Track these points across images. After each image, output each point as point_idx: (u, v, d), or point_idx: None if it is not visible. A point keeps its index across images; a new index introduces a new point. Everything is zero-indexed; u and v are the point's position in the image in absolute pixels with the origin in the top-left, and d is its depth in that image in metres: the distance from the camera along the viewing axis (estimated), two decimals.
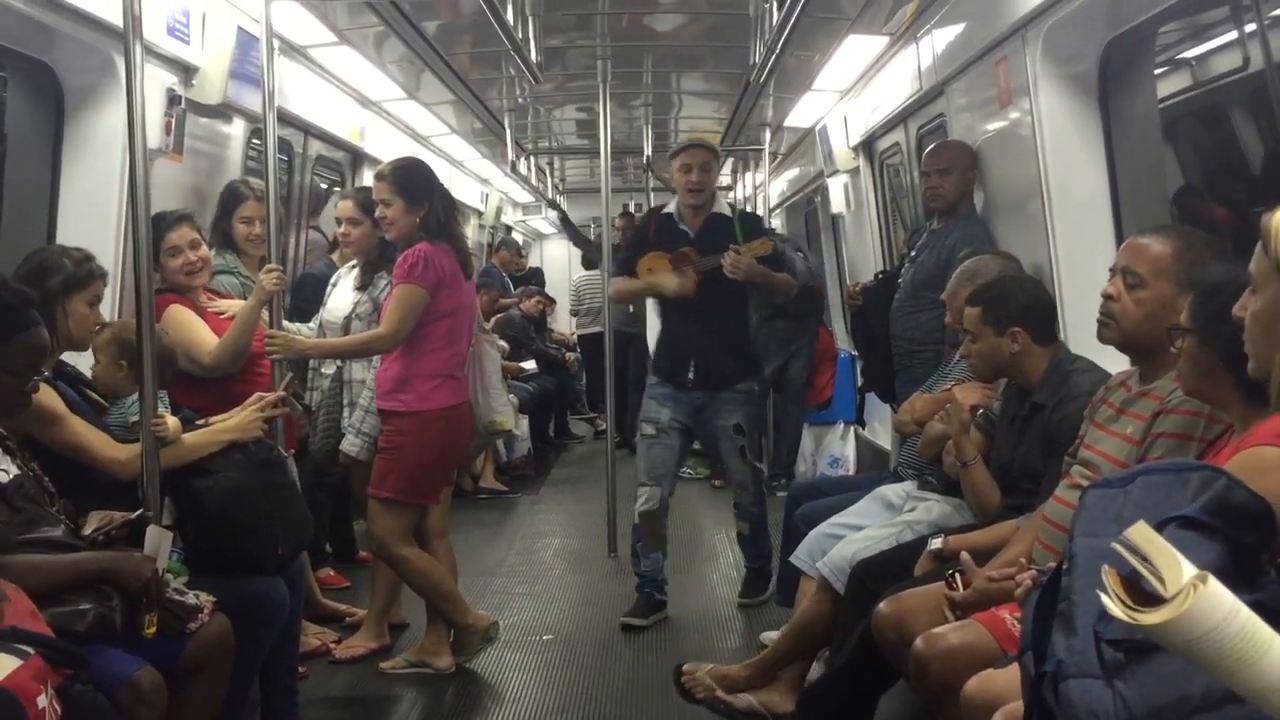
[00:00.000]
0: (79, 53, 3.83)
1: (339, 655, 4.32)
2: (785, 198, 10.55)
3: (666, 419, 4.87)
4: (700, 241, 4.85)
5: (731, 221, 4.95)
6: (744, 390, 4.91)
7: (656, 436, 4.86)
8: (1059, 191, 3.93)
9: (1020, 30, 3.95)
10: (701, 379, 4.86)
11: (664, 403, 4.89)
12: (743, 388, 4.91)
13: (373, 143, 6.95)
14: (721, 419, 4.87)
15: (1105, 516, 1.71)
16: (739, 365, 4.96)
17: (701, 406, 4.87)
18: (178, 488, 3.21)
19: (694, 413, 4.88)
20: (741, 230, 4.87)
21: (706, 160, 4.86)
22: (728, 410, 4.86)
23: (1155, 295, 2.62)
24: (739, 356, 4.98)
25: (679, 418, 4.88)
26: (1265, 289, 1.72)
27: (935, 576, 2.92)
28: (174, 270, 3.93)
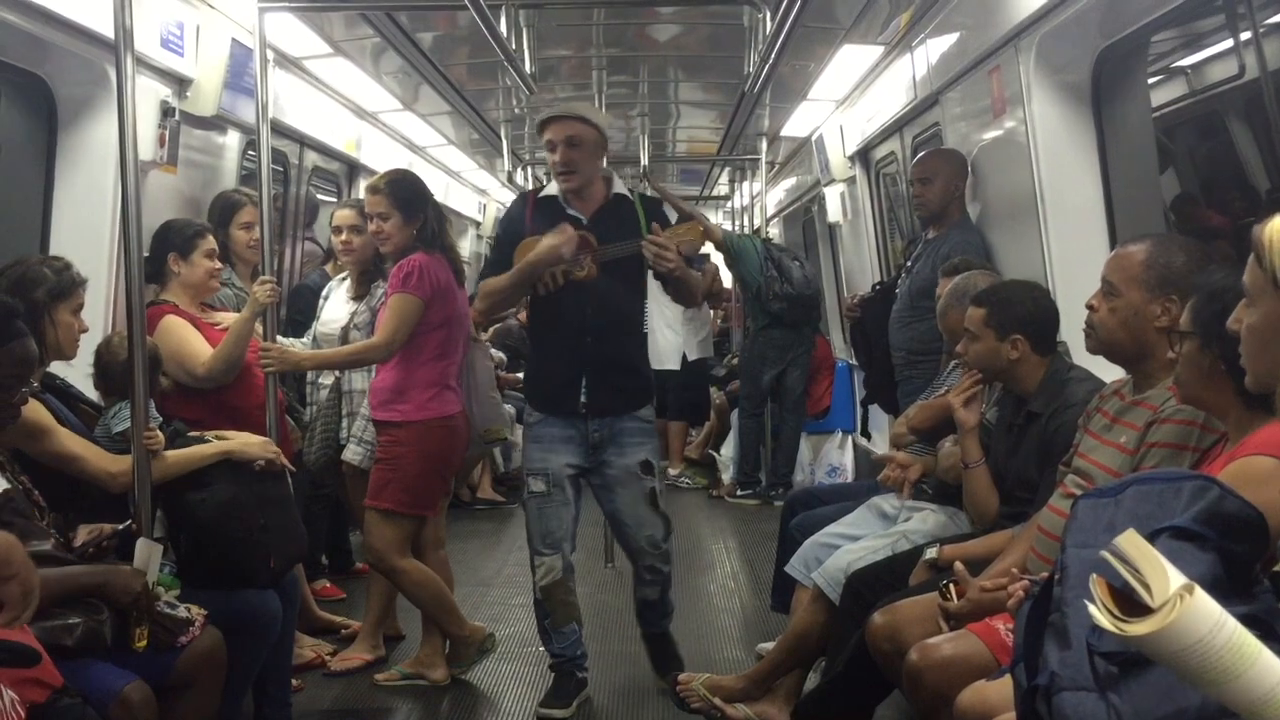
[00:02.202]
0: (72, 65, 3.83)
1: (334, 667, 4.31)
2: (782, 207, 10.57)
3: (558, 467, 3.85)
4: (597, 228, 3.82)
5: (633, 205, 3.92)
6: (648, 419, 3.98)
7: (547, 494, 3.86)
8: (1053, 200, 3.93)
9: (1013, 39, 3.96)
10: (598, 403, 3.84)
11: (551, 445, 3.86)
12: (645, 415, 3.97)
13: (369, 154, 6.96)
14: (625, 455, 3.89)
15: (1097, 526, 1.70)
16: (641, 384, 4.00)
17: (599, 442, 3.88)
18: (170, 500, 3.20)
19: (590, 451, 3.88)
20: (644, 215, 3.87)
21: (575, 134, 3.76)
22: (633, 444, 3.90)
23: (1127, 303, 2.63)
24: (640, 373, 4.04)
25: (573, 461, 3.87)
26: (1260, 302, 1.70)
27: (930, 586, 2.91)
28: (206, 271, 3.97)
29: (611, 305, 3.85)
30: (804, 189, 9.22)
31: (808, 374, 7.70)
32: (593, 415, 3.84)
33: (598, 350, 3.84)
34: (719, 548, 6.52)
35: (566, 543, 3.92)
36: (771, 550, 5.03)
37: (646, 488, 3.93)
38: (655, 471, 3.96)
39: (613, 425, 3.87)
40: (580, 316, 3.83)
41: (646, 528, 3.98)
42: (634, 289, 3.95)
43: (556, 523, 3.88)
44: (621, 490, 3.93)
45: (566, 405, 3.85)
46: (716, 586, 5.75)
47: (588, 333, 3.83)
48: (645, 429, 3.96)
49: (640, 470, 3.91)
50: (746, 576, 5.85)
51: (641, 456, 3.91)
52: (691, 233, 3.81)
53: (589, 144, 3.79)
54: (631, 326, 4.00)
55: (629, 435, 3.90)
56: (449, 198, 9.76)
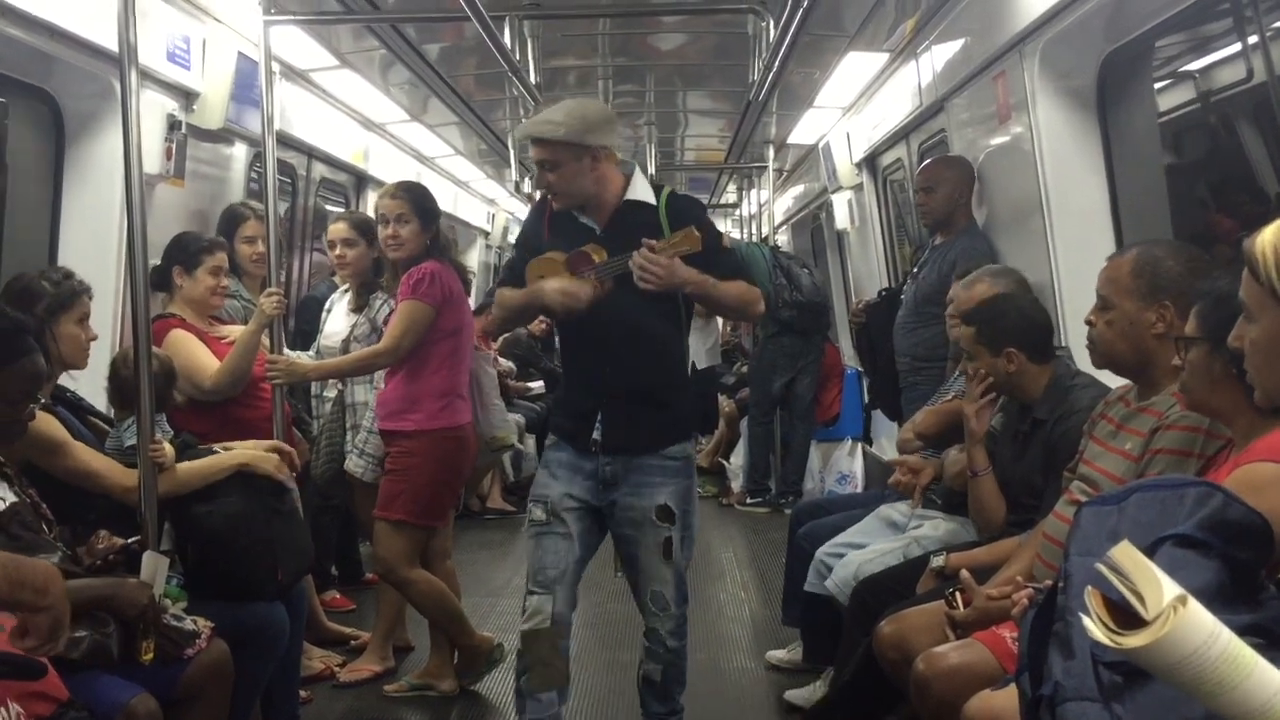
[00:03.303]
0: (79, 80, 3.86)
1: (343, 678, 4.31)
2: (790, 214, 10.56)
3: (559, 495, 3.32)
4: (610, 239, 3.27)
5: (655, 210, 3.32)
6: (676, 457, 3.35)
7: (546, 523, 3.32)
8: (1059, 205, 3.93)
9: (1018, 45, 3.95)
10: (612, 439, 3.31)
11: (557, 472, 3.36)
12: (675, 453, 3.35)
13: (377, 165, 6.98)
14: (640, 497, 3.31)
15: (1100, 534, 1.69)
16: (669, 420, 3.37)
17: (612, 479, 3.32)
18: (178, 513, 3.20)
19: (600, 488, 3.33)
20: (669, 221, 3.29)
21: (546, 158, 3.24)
22: (650, 485, 3.31)
23: (1122, 314, 2.63)
24: (670, 407, 3.37)
25: (578, 494, 3.33)
26: (1262, 316, 1.68)
27: (937, 595, 2.90)
28: (208, 288, 3.98)
29: (634, 327, 3.27)
30: (811, 196, 9.22)
31: (817, 381, 7.69)
32: (606, 452, 3.31)
33: (616, 381, 3.29)
34: (729, 556, 6.51)
35: (562, 587, 3.28)
36: (781, 558, 5.01)
37: (661, 536, 3.31)
38: (677, 518, 3.31)
39: (628, 462, 3.31)
40: (598, 342, 3.32)
41: (654, 582, 3.36)
42: (664, 306, 3.29)
43: (552, 558, 3.30)
44: (634, 535, 3.35)
45: (579, 439, 3.35)
46: (726, 595, 5.74)
47: (606, 361, 3.31)
48: (669, 468, 3.33)
49: (656, 516, 3.30)
50: (756, 585, 5.84)
51: (659, 500, 3.30)
52: (688, 240, 3.16)
53: (566, 160, 3.21)
54: (660, 351, 3.35)
55: (646, 474, 3.31)
56: (458, 207, 9.80)
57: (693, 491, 3.39)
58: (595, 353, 3.34)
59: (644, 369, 3.31)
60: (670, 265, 3.11)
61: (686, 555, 3.40)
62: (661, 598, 3.38)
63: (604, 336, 3.29)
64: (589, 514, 3.35)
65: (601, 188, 3.28)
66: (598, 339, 3.32)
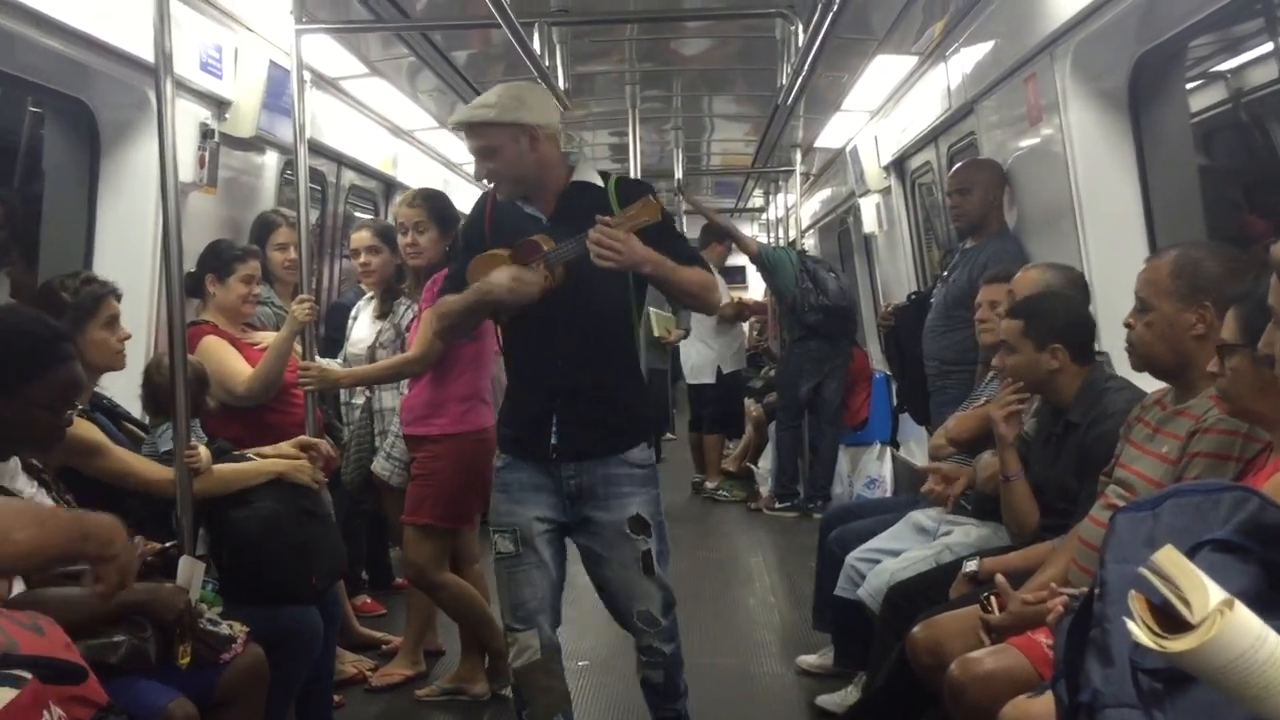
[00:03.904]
0: (113, 89, 3.90)
1: (375, 683, 4.33)
2: (818, 218, 10.56)
3: (526, 521, 3.08)
4: (558, 227, 3.02)
5: (604, 193, 3.09)
6: (642, 464, 3.12)
7: (517, 555, 3.08)
8: (1091, 208, 3.90)
9: (1049, 47, 3.93)
10: (571, 443, 3.06)
11: (519, 495, 3.10)
12: (639, 459, 3.11)
13: (405, 171, 7.02)
14: (609, 510, 3.07)
15: (1136, 540, 1.68)
16: (628, 419, 3.15)
17: (578, 493, 3.08)
18: (214, 517, 3.23)
19: (568, 504, 3.10)
20: (620, 202, 3.03)
21: (484, 145, 3.02)
22: (619, 495, 3.07)
23: (1161, 315, 2.60)
24: (628, 405, 3.15)
25: (546, 514, 3.09)
26: None
27: (970, 599, 2.88)
28: (239, 296, 4.01)
29: (586, 320, 3.04)
30: (839, 200, 9.21)
31: (845, 386, 7.67)
32: (565, 459, 3.06)
33: (571, 377, 3.05)
34: (757, 561, 6.50)
35: (544, 615, 3.10)
36: (810, 563, 5.00)
37: (639, 550, 3.07)
38: (653, 529, 3.09)
39: (593, 472, 3.06)
40: (548, 336, 3.05)
41: (639, 600, 3.12)
42: (618, 296, 3.07)
43: (530, 590, 3.08)
44: (607, 553, 3.10)
45: (535, 448, 3.08)
46: (755, 600, 5.73)
47: (558, 356, 3.05)
48: (636, 476, 3.09)
49: (629, 528, 3.06)
50: (785, 590, 5.83)
51: (631, 510, 3.06)
52: (646, 211, 2.91)
53: (505, 143, 2.98)
54: (615, 344, 3.12)
55: (613, 484, 3.07)
56: None
57: (660, 500, 3.17)
58: (544, 350, 3.08)
59: (597, 364, 3.08)
60: (629, 240, 2.85)
61: (665, 569, 3.15)
62: (649, 615, 3.13)
63: (552, 332, 3.04)
64: (558, 534, 3.13)
65: (545, 171, 3.05)
66: (545, 335, 3.05)
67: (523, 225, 3.06)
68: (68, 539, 1.89)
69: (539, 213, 3.08)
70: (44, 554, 1.84)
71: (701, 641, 4.94)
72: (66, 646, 2.27)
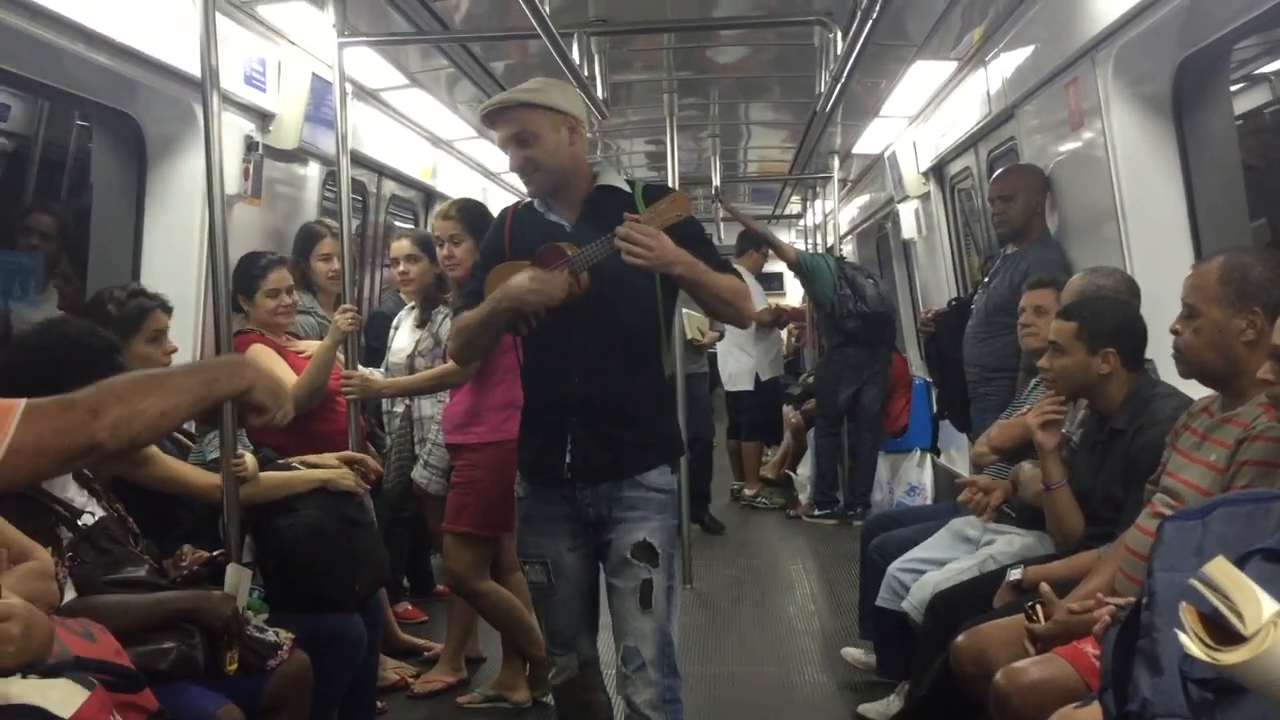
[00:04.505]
0: (160, 103, 3.96)
1: (417, 690, 4.36)
2: (856, 224, 10.51)
3: (557, 553, 2.92)
4: (582, 235, 2.83)
5: (630, 198, 2.89)
6: (662, 489, 2.89)
7: (548, 586, 2.95)
8: (1134, 213, 3.86)
9: (1090, 52, 3.90)
10: (586, 463, 2.85)
11: (543, 527, 2.94)
12: (659, 484, 2.89)
13: (445, 181, 7.07)
14: (618, 534, 2.86)
15: (1185, 550, 1.67)
16: (650, 439, 2.92)
17: (598, 521, 2.89)
18: (260, 525, 3.27)
19: (588, 531, 2.91)
20: (645, 203, 2.85)
21: (523, 129, 2.83)
22: (630, 520, 2.85)
23: (1210, 322, 2.57)
24: (649, 423, 2.93)
25: (572, 542, 2.92)
26: None
27: (1014, 608, 2.86)
28: (268, 310, 4.03)
29: (604, 330, 2.84)
30: (877, 206, 9.17)
31: (884, 392, 7.64)
32: (581, 481, 2.86)
33: (586, 392, 2.84)
34: (797, 568, 6.48)
35: (583, 636, 3.00)
36: (850, 571, 5.00)
37: (638, 579, 2.80)
38: (660, 560, 2.82)
39: (609, 496, 2.85)
40: (562, 349, 2.86)
41: (629, 635, 2.83)
42: (644, 305, 2.88)
43: (566, 619, 2.97)
44: (611, 578, 2.89)
45: (549, 469, 2.89)
46: (796, 608, 5.71)
47: (573, 370, 2.85)
48: (651, 500, 2.86)
49: (632, 553, 2.81)
50: (826, 598, 5.81)
51: (638, 535, 2.82)
52: (676, 205, 2.76)
53: (546, 133, 2.81)
54: (638, 358, 2.91)
55: (626, 507, 2.85)
56: None
57: (676, 533, 2.94)
58: (560, 362, 2.87)
59: (618, 378, 2.86)
60: (660, 236, 2.67)
61: (672, 611, 2.85)
62: (636, 655, 2.80)
63: (569, 342, 2.84)
64: (591, 557, 2.96)
65: (577, 169, 2.90)
66: (562, 345, 2.85)
67: (546, 234, 2.87)
68: (194, 390, 1.79)
69: (562, 220, 2.90)
70: (177, 413, 1.77)
71: (742, 650, 4.94)
72: (117, 653, 2.32)
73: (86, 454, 1.70)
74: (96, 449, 1.70)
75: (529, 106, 2.81)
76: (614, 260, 2.71)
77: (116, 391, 1.72)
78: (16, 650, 1.75)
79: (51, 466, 1.74)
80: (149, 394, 1.74)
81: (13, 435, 1.62)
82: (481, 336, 2.95)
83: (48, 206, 4.50)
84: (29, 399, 1.66)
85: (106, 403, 1.69)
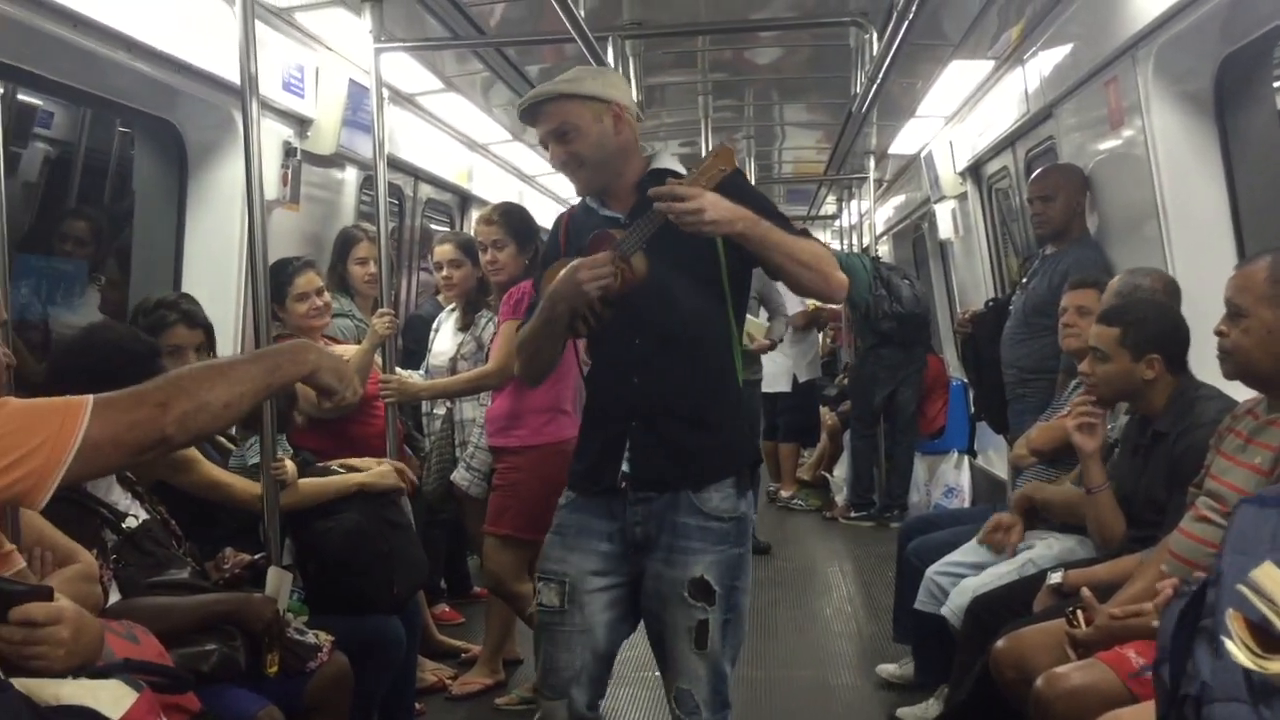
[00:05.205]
0: (200, 111, 4.01)
1: (455, 691, 4.37)
2: (892, 225, 10.47)
3: (578, 573, 2.59)
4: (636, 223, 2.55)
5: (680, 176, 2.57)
6: (723, 516, 2.55)
7: (560, 611, 2.59)
8: (1176, 213, 3.82)
9: (1130, 50, 3.87)
10: (645, 470, 2.56)
11: (575, 540, 2.62)
12: (718, 506, 2.55)
13: (480, 184, 7.10)
14: (672, 565, 2.54)
15: (1259, 535, 1.64)
16: (718, 444, 2.60)
17: (644, 541, 2.56)
18: (299, 528, 3.30)
19: (631, 553, 2.59)
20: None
21: (563, 121, 2.55)
22: (685, 551, 2.53)
23: (1259, 323, 2.52)
24: (719, 429, 2.61)
25: (603, 568, 2.60)
26: None
27: (1055, 613, 2.84)
28: (300, 315, 4.04)
29: (665, 324, 2.55)
30: (913, 206, 9.12)
31: (920, 393, 7.59)
32: (638, 491, 2.55)
33: (647, 391, 2.57)
34: (834, 570, 6.45)
35: (580, 689, 2.61)
36: (887, 573, 4.96)
37: (694, 619, 2.51)
38: (717, 597, 2.51)
39: (662, 518, 2.54)
40: (625, 345, 2.59)
41: (681, 677, 2.56)
42: (706, 295, 2.57)
43: (566, 657, 2.60)
44: (659, 612, 2.58)
45: (603, 476, 2.59)
46: (833, 610, 5.69)
47: (632, 369, 2.58)
48: (711, 530, 2.54)
49: (689, 591, 2.51)
50: (863, 600, 5.78)
51: (695, 571, 2.51)
52: (722, 158, 2.47)
53: (588, 124, 2.56)
54: (703, 354, 2.59)
55: (681, 535, 2.53)
56: None
57: (745, 563, 2.58)
58: (619, 362, 2.61)
59: (681, 376, 2.56)
60: (715, 198, 2.37)
61: (732, 645, 2.58)
62: (690, 699, 2.56)
63: (628, 340, 2.57)
64: (620, 593, 2.61)
65: (627, 159, 2.62)
66: (621, 343, 2.58)
67: (598, 228, 2.62)
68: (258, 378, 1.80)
69: (616, 214, 2.62)
70: (241, 402, 1.78)
71: (779, 653, 4.92)
72: (160, 655, 2.34)
73: (155, 447, 1.73)
74: (165, 442, 1.72)
75: (566, 98, 2.56)
76: (672, 246, 2.45)
77: (183, 384, 1.74)
78: (66, 654, 1.78)
79: (123, 460, 1.77)
80: (214, 386, 1.75)
81: (85, 429, 1.64)
82: (541, 345, 2.66)
83: (82, 212, 4.56)
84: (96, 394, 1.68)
85: (174, 396, 1.71)
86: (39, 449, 1.63)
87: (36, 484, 1.64)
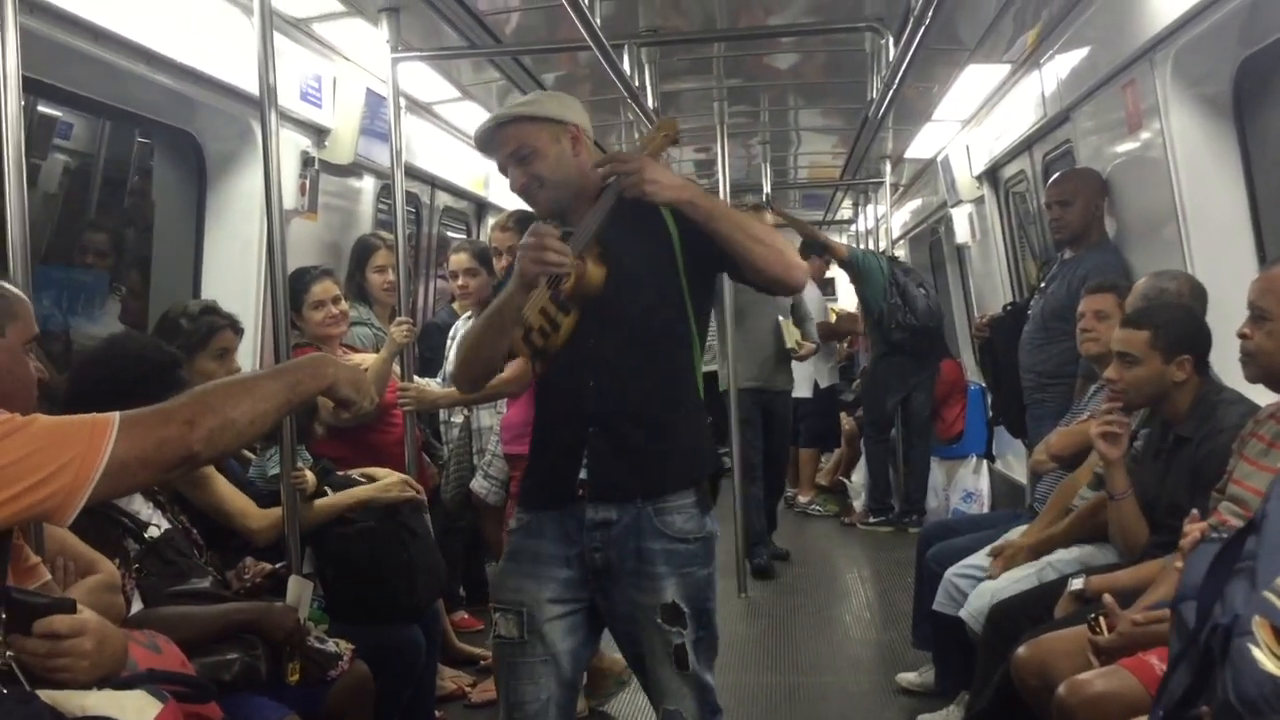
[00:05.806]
0: (219, 121, 4.03)
1: (474, 699, 4.38)
2: (908, 229, 10.44)
3: (537, 602, 2.48)
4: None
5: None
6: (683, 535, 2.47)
7: (520, 642, 2.48)
8: (1195, 216, 3.80)
9: (1148, 53, 3.85)
10: (604, 478, 2.47)
11: (531, 568, 2.51)
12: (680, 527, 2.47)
13: (496, 192, 7.10)
14: (640, 590, 2.46)
15: None
16: (679, 450, 2.52)
17: (604, 566, 2.47)
18: (319, 537, 3.31)
19: (587, 575, 2.49)
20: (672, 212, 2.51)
21: (521, 146, 2.52)
22: (651, 575, 2.45)
23: None
24: (679, 433, 2.53)
25: (563, 594, 2.49)
26: None
27: (1076, 619, 2.82)
28: (317, 323, 4.05)
29: (622, 327, 2.48)
30: (930, 210, 9.10)
31: (933, 398, 7.57)
32: (596, 504, 2.45)
33: (604, 398, 2.48)
34: (852, 576, 6.44)
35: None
36: (905, 578, 4.95)
37: (670, 644, 2.45)
38: (689, 618, 2.45)
39: (624, 544, 2.45)
40: (580, 351, 2.50)
41: (666, 698, 2.50)
42: (664, 297, 2.50)
43: (532, 689, 2.47)
44: (635, 635, 2.52)
45: (559, 489, 2.50)
46: (851, 616, 5.68)
47: (590, 371, 2.48)
48: (676, 553, 2.46)
49: (663, 618, 2.44)
50: (881, 605, 5.77)
51: (666, 596, 2.44)
52: (664, 128, 2.58)
53: (546, 146, 2.52)
54: (661, 355, 2.52)
55: (649, 561, 2.44)
56: None
57: (712, 581, 2.52)
58: (575, 372, 2.50)
59: (641, 379, 2.49)
60: (663, 168, 2.38)
61: (707, 657, 2.52)
62: (678, 717, 2.50)
63: (584, 340, 2.49)
64: (579, 619, 2.52)
65: (585, 179, 2.56)
66: (580, 348, 2.49)
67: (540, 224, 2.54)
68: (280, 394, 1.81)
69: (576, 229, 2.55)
70: (265, 419, 1.78)
71: (798, 659, 4.91)
72: (182, 664, 2.35)
73: (182, 465, 1.73)
74: (192, 459, 1.73)
75: (525, 120, 2.54)
76: (628, 246, 2.46)
77: (209, 401, 1.75)
78: (91, 665, 1.79)
79: (151, 478, 1.77)
80: (239, 403, 1.76)
81: (113, 447, 1.65)
82: (484, 342, 2.59)
83: (101, 224, 4.59)
84: (122, 412, 1.69)
85: (201, 413, 1.72)
86: (67, 467, 1.64)
87: (64, 502, 1.65)
